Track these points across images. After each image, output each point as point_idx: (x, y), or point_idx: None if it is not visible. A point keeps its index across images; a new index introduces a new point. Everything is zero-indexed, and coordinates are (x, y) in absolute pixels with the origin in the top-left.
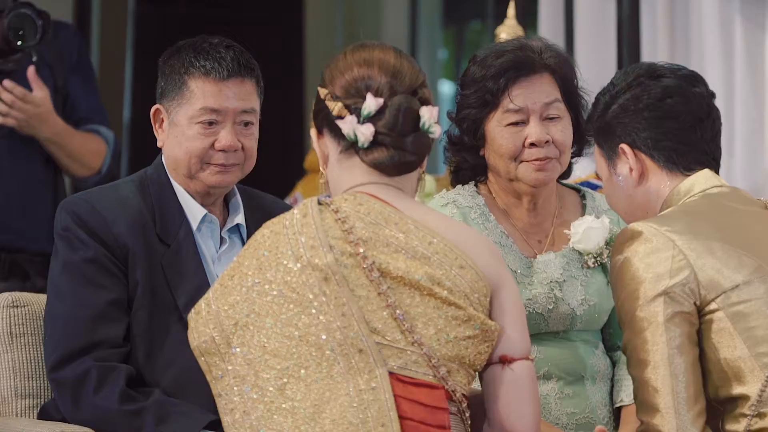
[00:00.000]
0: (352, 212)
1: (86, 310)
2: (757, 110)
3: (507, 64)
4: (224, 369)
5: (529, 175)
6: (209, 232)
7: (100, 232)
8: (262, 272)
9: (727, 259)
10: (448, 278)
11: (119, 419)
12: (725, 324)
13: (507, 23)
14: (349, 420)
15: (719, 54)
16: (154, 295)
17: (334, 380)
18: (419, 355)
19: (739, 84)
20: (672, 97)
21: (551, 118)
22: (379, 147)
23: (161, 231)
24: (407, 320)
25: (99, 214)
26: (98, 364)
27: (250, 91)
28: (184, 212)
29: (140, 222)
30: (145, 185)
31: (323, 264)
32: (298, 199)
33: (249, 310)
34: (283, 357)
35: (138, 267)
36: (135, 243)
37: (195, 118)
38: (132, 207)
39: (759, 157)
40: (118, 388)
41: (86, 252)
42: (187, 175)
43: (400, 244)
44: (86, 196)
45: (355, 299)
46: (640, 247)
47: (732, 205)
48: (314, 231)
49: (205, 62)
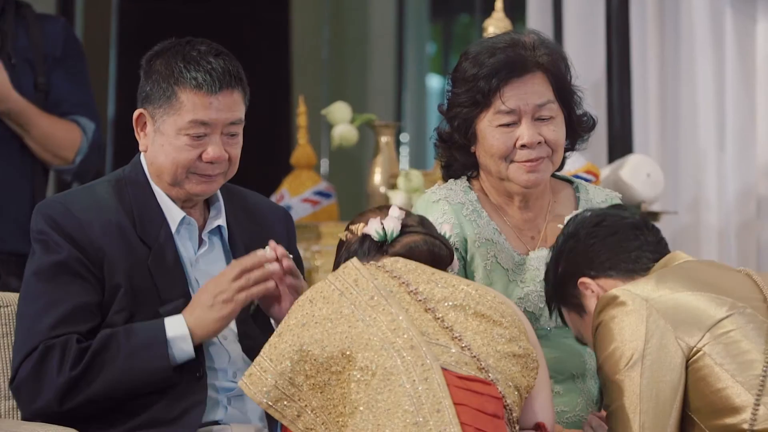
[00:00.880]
0: (391, 264)
1: (51, 313)
2: (748, 104)
3: (499, 65)
4: (299, 407)
5: (520, 177)
6: (188, 234)
7: (75, 235)
8: (309, 315)
9: (704, 302)
10: (491, 305)
11: (79, 379)
12: (708, 361)
13: (495, 16)
14: (404, 408)
15: (710, 47)
16: (138, 297)
17: (388, 372)
18: (470, 358)
19: (729, 77)
20: (605, 219)
21: (543, 118)
22: (409, 234)
23: (142, 232)
24: (456, 331)
25: (74, 216)
26: (47, 343)
27: (237, 101)
28: (163, 214)
29: (117, 224)
30: (122, 185)
31: (368, 288)
32: (284, 195)
33: (299, 346)
34: (344, 369)
35: (117, 270)
36: (111, 245)
37: (183, 130)
38: (108, 208)
39: (750, 151)
40: (72, 356)
41: (59, 255)
42: (170, 183)
43: (439, 282)
44: (62, 198)
45: (403, 310)
46: (615, 311)
47: (700, 265)
48: (356, 272)
49: (196, 74)
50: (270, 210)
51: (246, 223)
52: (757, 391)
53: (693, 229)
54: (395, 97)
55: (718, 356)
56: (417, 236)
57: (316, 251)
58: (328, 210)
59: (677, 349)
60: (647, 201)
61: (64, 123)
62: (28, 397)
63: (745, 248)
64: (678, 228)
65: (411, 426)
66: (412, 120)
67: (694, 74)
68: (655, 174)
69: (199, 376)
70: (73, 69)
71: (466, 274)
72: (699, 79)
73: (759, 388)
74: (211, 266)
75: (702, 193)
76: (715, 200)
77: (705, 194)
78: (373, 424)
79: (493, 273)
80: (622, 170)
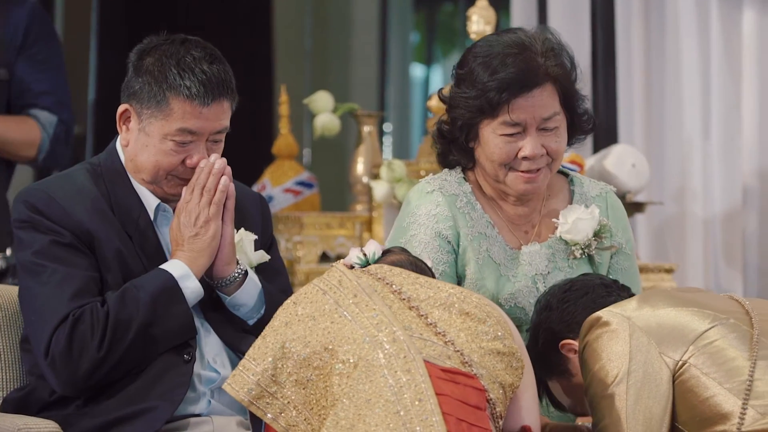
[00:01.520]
0: (375, 268)
1: (69, 285)
2: (734, 93)
3: (510, 78)
4: (281, 405)
5: (517, 186)
6: (164, 221)
7: (62, 222)
8: (293, 314)
9: (686, 317)
10: (476, 305)
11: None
12: (694, 372)
13: (479, 5)
14: (385, 398)
15: (695, 36)
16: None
17: (369, 363)
18: (453, 352)
19: (715, 67)
20: (574, 284)
21: (548, 129)
22: (392, 253)
23: (121, 220)
24: (440, 327)
25: (56, 203)
26: (75, 313)
27: (226, 110)
28: (140, 200)
29: (99, 208)
30: (98, 173)
31: (353, 286)
32: (266, 185)
33: (281, 344)
34: (326, 363)
35: (107, 252)
36: (98, 227)
37: (170, 136)
38: (89, 195)
39: (735, 141)
40: (102, 314)
41: (55, 235)
42: (149, 182)
43: (424, 284)
44: (42, 186)
45: (386, 307)
46: (599, 331)
47: (681, 289)
48: (340, 274)
49: (190, 84)
50: (244, 194)
51: None
52: (744, 395)
53: (678, 219)
54: (378, 87)
55: (704, 366)
56: (400, 255)
57: (298, 242)
58: (310, 200)
59: (662, 366)
60: (632, 191)
61: (19, 122)
62: (65, 370)
63: (731, 238)
64: (663, 218)
65: (392, 415)
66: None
67: (680, 64)
68: (640, 164)
69: (187, 359)
70: (39, 56)
71: (457, 268)
72: (684, 69)
73: (746, 393)
74: None
75: (687, 183)
76: (701, 190)
77: (690, 184)
78: (354, 414)
79: (485, 267)
80: (606, 160)
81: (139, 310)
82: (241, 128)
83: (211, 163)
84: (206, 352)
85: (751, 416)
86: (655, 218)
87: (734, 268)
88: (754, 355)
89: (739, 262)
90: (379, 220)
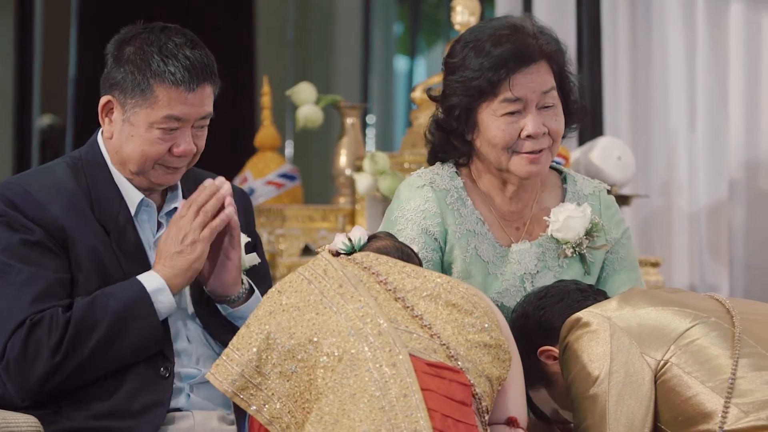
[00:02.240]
0: (361, 257)
1: (31, 288)
2: (720, 84)
3: (507, 54)
4: (265, 396)
5: (522, 168)
6: (147, 217)
7: (36, 216)
8: (277, 303)
9: (667, 316)
10: (462, 295)
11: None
12: (676, 372)
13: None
14: (370, 393)
15: (681, 27)
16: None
17: (354, 357)
18: (439, 345)
19: (701, 57)
20: (549, 290)
21: (547, 107)
22: (378, 239)
23: (99, 216)
24: (426, 320)
25: (32, 197)
26: (33, 318)
27: (210, 95)
28: (122, 195)
29: (77, 204)
30: (78, 167)
31: (338, 276)
32: (248, 177)
33: (266, 334)
34: (310, 356)
35: (80, 250)
36: (73, 225)
37: (156, 124)
38: (66, 189)
39: (722, 133)
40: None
41: (26, 233)
42: (135, 173)
43: (410, 273)
44: (19, 180)
45: (371, 298)
46: (579, 332)
47: (662, 289)
48: (326, 262)
49: (175, 70)
50: None
51: None
52: (726, 393)
53: (664, 212)
54: (361, 78)
55: (686, 365)
56: (386, 241)
57: (280, 235)
58: (292, 192)
59: (644, 366)
60: (618, 184)
61: None
62: (19, 376)
63: (717, 232)
64: (649, 211)
65: (377, 411)
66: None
67: (666, 55)
68: (625, 157)
69: (165, 376)
70: None
71: (443, 266)
72: (670, 60)
73: (728, 391)
74: None
75: (673, 176)
76: (687, 183)
77: (676, 177)
78: (338, 408)
79: (472, 266)
80: (592, 153)
81: (104, 319)
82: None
83: (216, 185)
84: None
85: (734, 414)
86: (641, 211)
87: (720, 262)
88: (736, 353)
89: (725, 255)
90: (362, 212)
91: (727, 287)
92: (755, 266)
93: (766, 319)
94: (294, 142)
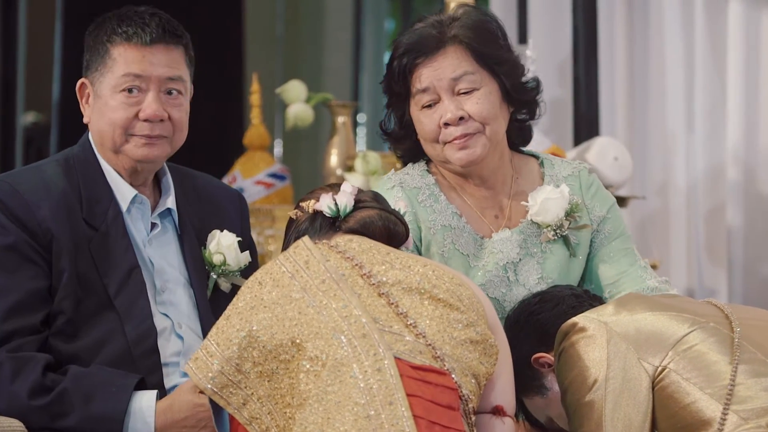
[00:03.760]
0: (344, 244)
1: (2, 301)
2: (718, 84)
3: (408, 47)
4: (245, 395)
5: (454, 155)
6: (140, 214)
7: (22, 217)
8: (258, 297)
9: (665, 321)
10: (447, 288)
11: (34, 414)
12: (675, 378)
13: None
14: (354, 401)
15: (679, 26)
16: (82, 281)
17: (339, 363)
18: (424, 346)
19: (699, 56)
20: (544, 295)
21: (464, 92)
22: (363, 209)
23: (88, 215)
24: (410, 317)
25: (21, 197)
26: (11, 356)
27: (176, 59)
28: (113, 192)
29: (66, 205)
30: (70, 165)
31: (320, 271)
32: (237, 177)
33: (247, 331)
34: (293, 358)
35: (63, 253)
36: (60, 228)
37: (118, 87)
38: (57, 189)
39: (720, 133)
40: (29, 383)
41: (6, 239)
42: (112, 149)
43: (395, 263)
44: (8, 178)
45: (355, 296)
46: (575, 337)
47: (659, 295)
48: (307, 253)
49: (127, 28)
50: (222, 193)
51: (196, 206)
52: (725, 400)
53: (661, 214)
54: (352, 76)
55: (684, 371)
56: (371, 211)
57: (270, 235)
58: (282, 193)
59: (641, 372)
60: (614, 185)
61: None
62: None
63: (715, 234)
64: (646, 213)
65: (362, 420)
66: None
67: (663, 54)
68: (622, 157)
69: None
70: None
71: None
72: (668, 59)
73: (727, 397)
74: (164, 248)
75: (671, 177)
76: (684, 184)
77: (674, 178)
78: (323, 418)
79: (451, 260)
80: (588, 153)
81: (67, 418)
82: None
83: None
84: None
85: (732, 422)
86: (638, 213)
87: (718, 264)
88: (735, 359)
89: (723, 258)
90: None
91: (725, 290)
92: (753, 269)
93: (765, 324)
94: (283, 141)
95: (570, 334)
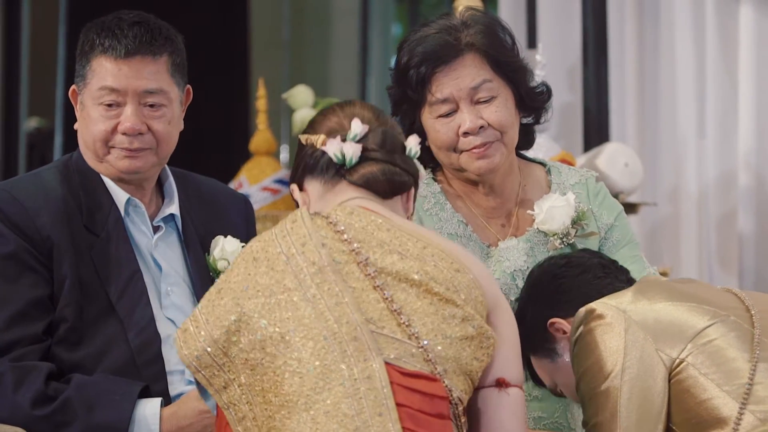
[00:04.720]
0: (344, 219)
1: (3, 310)
2: (730, 89)
3: (424, 56)
4: (227, 379)
5: (472, 165)
6: (140, 218)
7: (21, 224)
8: (252, 277)
9: (685, 312)
10: (445, 278)
11: (37, 424)
12: (692, 372)
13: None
14: (343, 412)
15: (690, 30)
16: (84, 288)
17: (328, 369)
18: (416, 348)
19: (710, 62)
20: (571, 259)
21: (483, 100)
22: (368, 162)
23: (88, 221)
24: (404, 315)
25: (20, 204)
26: (14, 365)
27: (155, 71)
28: (112, 198)
29: (65, 212)
30: (69, 171)
31: (315, 258)
32: (243, 183)
33: (238, 315)
34: (280, 354)
35: (65, 261)
36: (60, 235)
37: (96, 99)
38: (56, 196)
39: (731, 138)
40: (32, 392)
41: (6, 247)
42: (95, 159)
43: (394, 247)
44: (6, 186)
45: (349, 290)
46: (593, 324)
47: (679, 281)
48: (305, 232)
49: (104, 39)
50: (227, 198)
51: (201, 212)
52: (742, 399)
53: (672, 220)
54: (359, 81)
55: (702, 366)
56: (375, 166)
57: None
58: (288, 199)
59: (659, 362)
60: (625, 192)
61: None
62: None
63: (727, 240)
64: (657, 220)
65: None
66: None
67: (674, 58)
68: (633, 163)
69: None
70: None
71: None
72: (679, 64)
73: (744, 396)
74: (168, 251)
75: (682, 183)
76: (696, 191)
77: (685, 184)
78: (311, 429)
79: None
80: (598, 159)
81: (70, 428)
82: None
83: None
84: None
85: (748, 422)
86: (649, 220)
87: (730, 272)
88: (755, 357)
89: (734, 265)
90: None
91: None
92: (765, 275)
93: None
94: (290, 146)
95: (588, 320)
